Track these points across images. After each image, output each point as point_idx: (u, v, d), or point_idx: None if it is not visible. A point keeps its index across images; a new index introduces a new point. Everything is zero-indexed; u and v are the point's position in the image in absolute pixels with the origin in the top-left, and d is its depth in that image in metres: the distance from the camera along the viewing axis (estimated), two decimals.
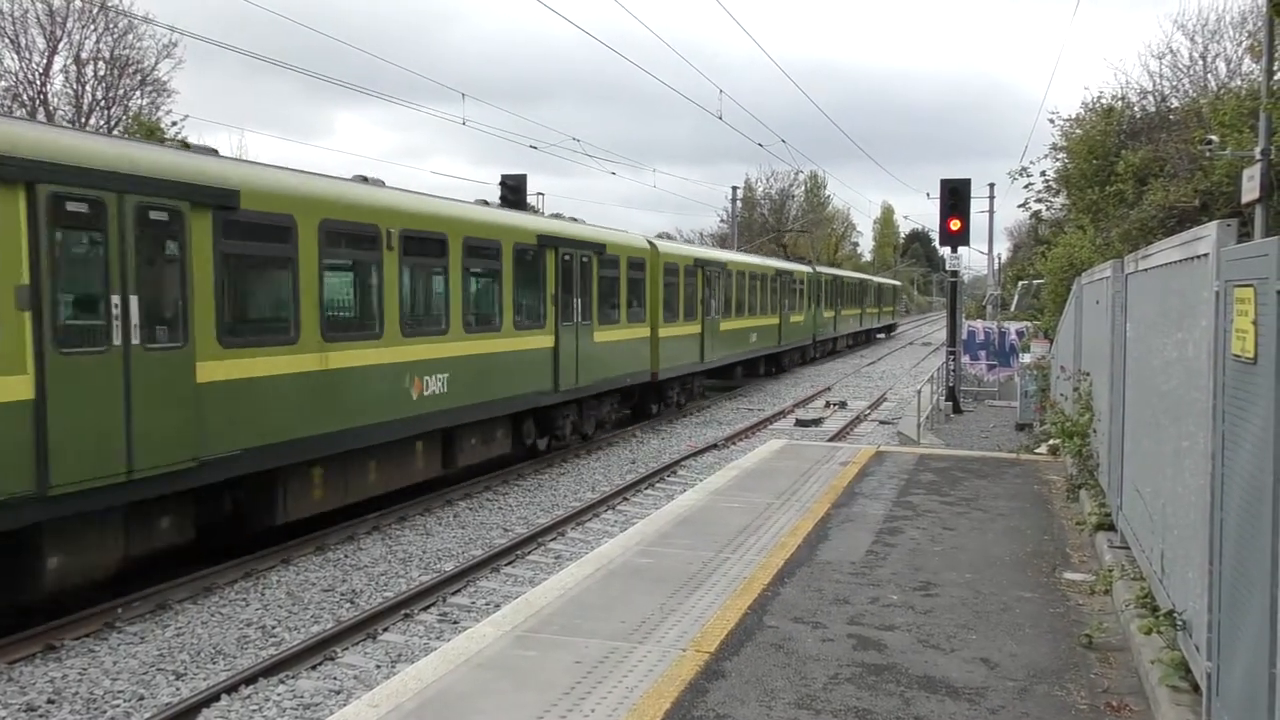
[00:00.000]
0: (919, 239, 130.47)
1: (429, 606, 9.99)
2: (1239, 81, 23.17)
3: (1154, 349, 6.87)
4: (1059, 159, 26.28)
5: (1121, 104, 24.93)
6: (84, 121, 29.52)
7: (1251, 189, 14.18)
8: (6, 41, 29.02)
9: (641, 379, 21.65)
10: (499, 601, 9.93)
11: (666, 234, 37.29)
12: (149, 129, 29.02)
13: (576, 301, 18.04)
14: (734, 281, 29.20)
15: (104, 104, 30.87)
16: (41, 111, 28.92)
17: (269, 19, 72.36)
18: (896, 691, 5.65)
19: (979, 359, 25.80)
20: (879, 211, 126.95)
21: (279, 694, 7.75)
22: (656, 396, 23.50)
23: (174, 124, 30.76)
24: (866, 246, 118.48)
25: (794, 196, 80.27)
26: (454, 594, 10.41)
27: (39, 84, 29.73)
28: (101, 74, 30.72)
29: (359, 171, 20.67)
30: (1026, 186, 27.36)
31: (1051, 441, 14.80)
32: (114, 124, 30.29)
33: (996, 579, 7.93)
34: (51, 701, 7.55)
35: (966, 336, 25.68)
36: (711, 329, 26.41)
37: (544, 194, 49.60)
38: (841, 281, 49.86)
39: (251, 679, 7.91)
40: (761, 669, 5.97)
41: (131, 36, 30.66)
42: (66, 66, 30.08)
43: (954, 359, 24.32)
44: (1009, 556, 8.64)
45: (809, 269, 42.11)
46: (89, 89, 30.61)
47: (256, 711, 7.46)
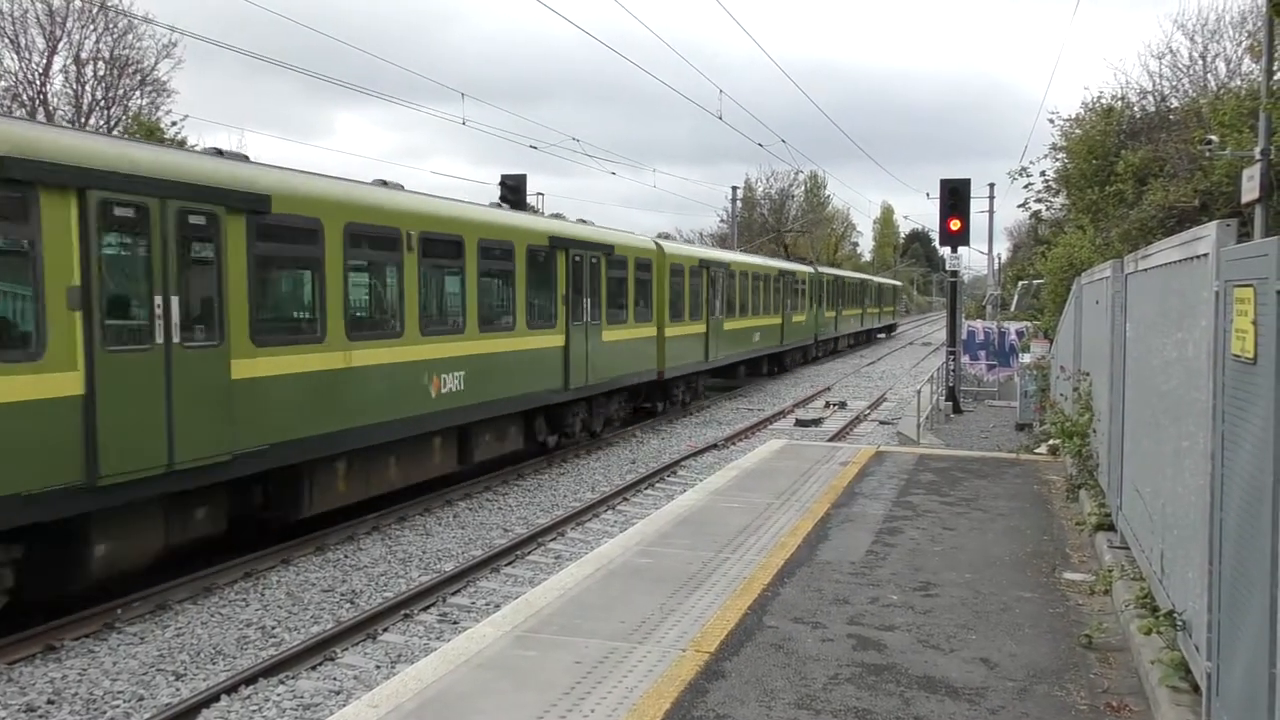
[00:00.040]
0: (919, 239, 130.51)
1: (429, 607, 9.99)
2: (1239, 81, 23.18)
3: (1154, 349, 6.87)
4: (1059, 159, 26.31)
5: (1121, 104, 24.94)
6: (83, 122, 29.48)
7: (1251, 189, 14.19)
8: (6, 41, 29.01)
9: (648, 378, 21.88)
10: (499, 602, 9.93)
11: (666, 234, 37.26)
12: (148, 129, 29.00)
13: (586, 302, 18.31)
14: (737, 282, 29.32)
15: (104, 104, 30.84)
16: (41, 112, 28.88)
17: (269, 19, 72.46)
18: (896, 692, 5.66)
19: (979, 359, 25.81)
20: (879, 211, 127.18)
21: (279, 694, 7.75)
22: (662, 395, 23.72)
23: (173, 124, 30.82)
24: (866, 246, 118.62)
25: (794, 196, 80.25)
26: (454, 594, 10.41)
27: (39, 84, 29.72)
28: (101, 74, 30.70)
29: (356, 172, 20.67)
30: (1026, 186, 27.41)
31: (1051, 441, 14.80)
32: (113, 124, 30.25)
33: (996, 579, 7.93)
34: (51, 702, 7.55)
35: (966, 336, 25.69)
36: (716, 329, 26.57)
37: (544, 194, 49.68)
38: (843, 282, 49.92)
39: (251, 679, 7.91)
40: (761, 669, 5.97)
41: (131, 36, 30.68)
42: (66, 66, 30.09)
43: (954, 359, 24.31)
44: (1009, 556, 8.64)
45: (811, 269, 42.16)
46: (89, 89, 30.61)
47: (256, 712, 7.46)
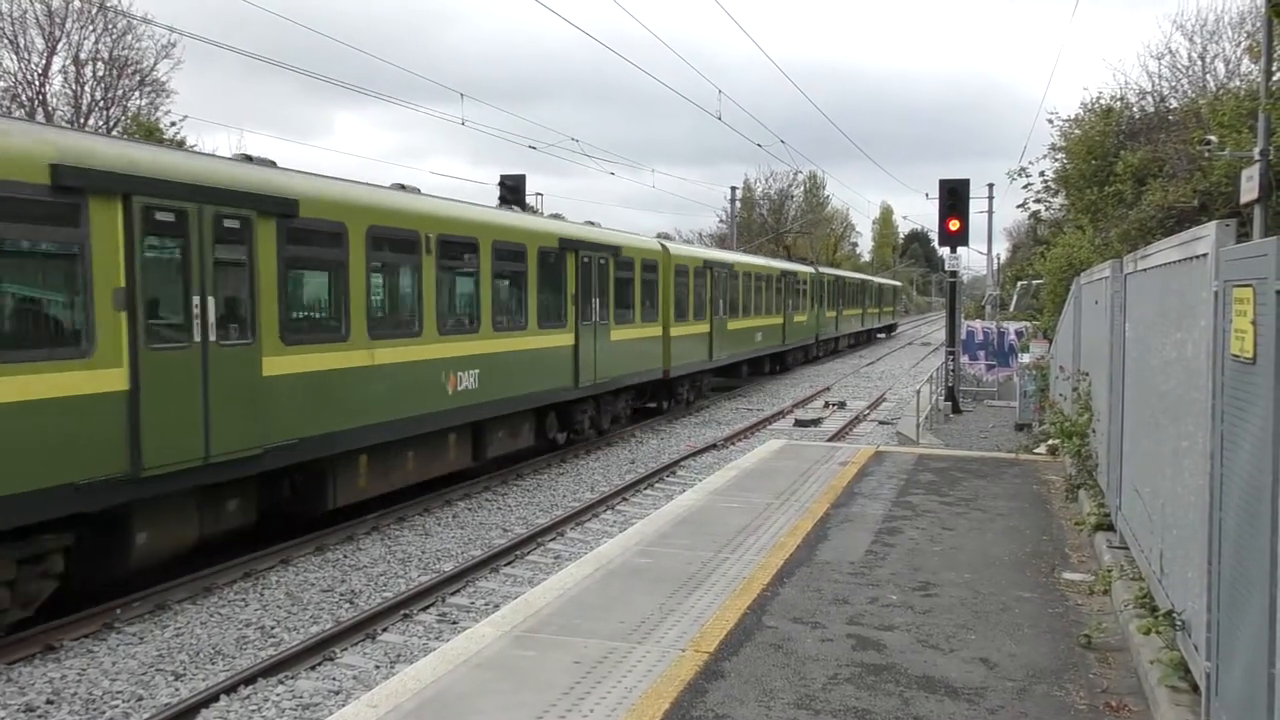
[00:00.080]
0: (918, 239, 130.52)
1: (428, 607, 9.99)
2: (1238, 82, 23.17)
3: (1153, 349, 6.87)
4: (1058, 159, 26.31)
5: (1120, 104, 24.93)
6: (82, 122, 29.45)
7: (1250, 189, 14.20)
8: (5, 42, 28.93)
9: (654, 376, 22.28)
10: (498, 602, 9.93)
11: (665, 234, 37.25)
12: (148, 130, 28.97)
13: (594, 302, 18.71)
14: (740, 282, 29.60)
15: (103, 104, 30.80)
16: (40, 112, 28.84)
17: (268, 19, 72.41)
18: (896, 692, 5.65)
19: (978, 359, 25.81)
20: (878, 212, 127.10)
21: (278, 694, 7.75)
22: (667, 393, 24.06)
23: (173, 124, 30.76)
24: (865, 247, 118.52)
25: (793, 197, 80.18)
26: (453, 594, 10.41)
27: (38, 84, 29.66)
28: (100, 74, 30.64)
29: (356, 172, 20.74)
30: (1025, 187, 27.38)
31: (1050, 441, 14.80)
32: (113, 125, 30.22)
33: (995, 579, 7.93)
34: (50, 702, 7.55)
35: (965, 337, 25.68)
36: (720, 328, 26.87)
37: (542, 194, 49.62)
38: (843, 282, 50.02)
39: (250, 679, 7.90)
40: (761, 669, 5.97)
41: (130, 37, 30.60)
42: (65, 67, 30.03)
43: (953, 359, 24.31)
44: (1008, 556, 8.64)
45: (812, 270, 42.29)
46: (88, 89, 30.55)
47: (255, 712, 7.46)
